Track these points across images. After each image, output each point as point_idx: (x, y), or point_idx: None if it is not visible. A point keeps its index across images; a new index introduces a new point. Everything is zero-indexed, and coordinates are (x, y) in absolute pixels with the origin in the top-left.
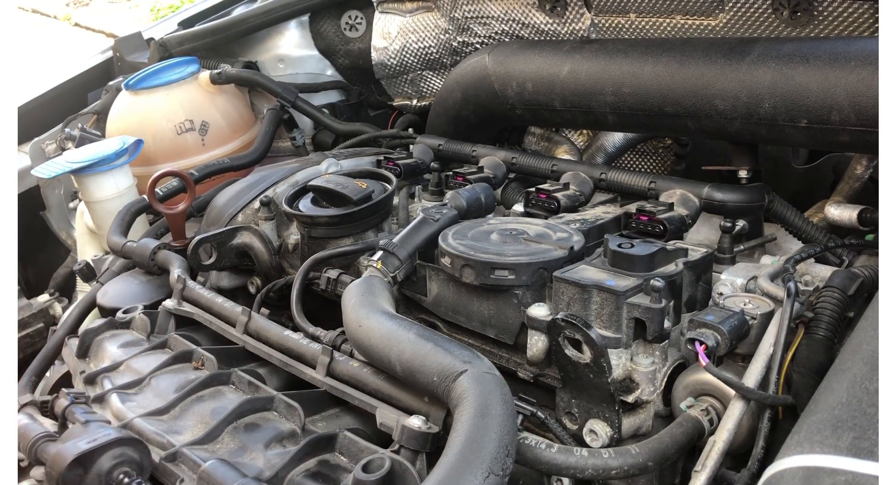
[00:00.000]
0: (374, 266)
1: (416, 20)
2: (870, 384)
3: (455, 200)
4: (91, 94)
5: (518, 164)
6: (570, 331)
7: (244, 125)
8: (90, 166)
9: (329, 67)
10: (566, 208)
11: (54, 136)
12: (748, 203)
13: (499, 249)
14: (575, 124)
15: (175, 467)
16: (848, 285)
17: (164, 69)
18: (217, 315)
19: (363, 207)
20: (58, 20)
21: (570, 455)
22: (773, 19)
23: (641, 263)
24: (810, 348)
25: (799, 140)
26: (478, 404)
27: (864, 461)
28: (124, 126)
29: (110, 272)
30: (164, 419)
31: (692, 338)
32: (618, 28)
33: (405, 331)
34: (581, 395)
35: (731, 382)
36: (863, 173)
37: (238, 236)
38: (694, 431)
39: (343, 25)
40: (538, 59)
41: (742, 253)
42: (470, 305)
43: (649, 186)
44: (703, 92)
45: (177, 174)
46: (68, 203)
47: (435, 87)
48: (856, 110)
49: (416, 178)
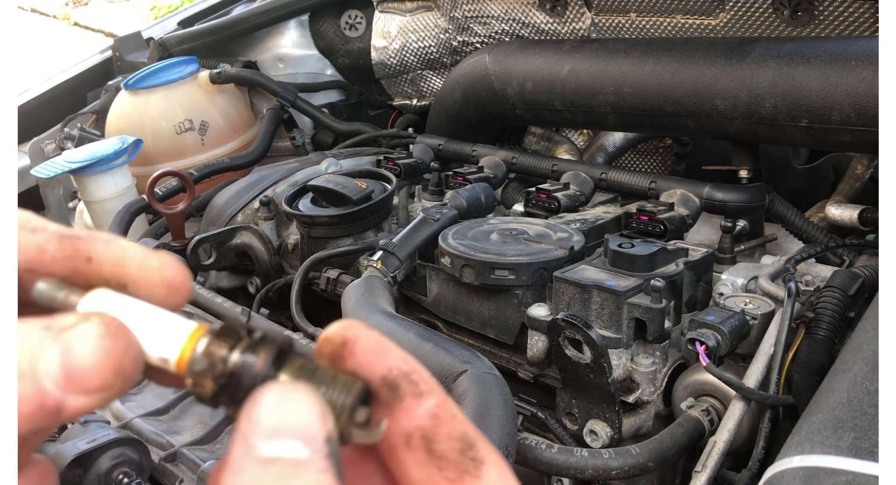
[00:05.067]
0: (374, 266)
1: (415, 20)
2: (870, 384)
3: (455, 200)
4: (90, 94)
5: (518, 164)
6: (571, 331)
7: (244, 125)
8: (89, 166)
9: (329, 67)
10: (566, 208)
11: (54, 135)
12: (748, 203)
13: (499, 249)
14: (575, 124)
15: (175, 467)
16: (849, 285)
17: (163, 69)
18: (217, 315)
19: (363, 206)
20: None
21: (571, 456)
22: (773, 19)
23: (642, 263)
24: (811, 349)
25: (799, 140)
26: (478, 405)
27: (864, 462)
28: (123, 126)
29: None
30: (164, 419)
31: (692, 338)
32: (618, 27)
33: (405, 331)
34: (581, 395)
35: (732, 382)
36: (863, 173)
37: (238, 236)
38: (694, 431)
39: (343, 25)
40: (538, 59)
41: (742, 253)
42: (470, 305)
43: (649, 185)
44: (703, 92)
45: (176, 174)
46: (68, 203)
47: (435, 86)
48: (856, 110)
49: (416, 177)
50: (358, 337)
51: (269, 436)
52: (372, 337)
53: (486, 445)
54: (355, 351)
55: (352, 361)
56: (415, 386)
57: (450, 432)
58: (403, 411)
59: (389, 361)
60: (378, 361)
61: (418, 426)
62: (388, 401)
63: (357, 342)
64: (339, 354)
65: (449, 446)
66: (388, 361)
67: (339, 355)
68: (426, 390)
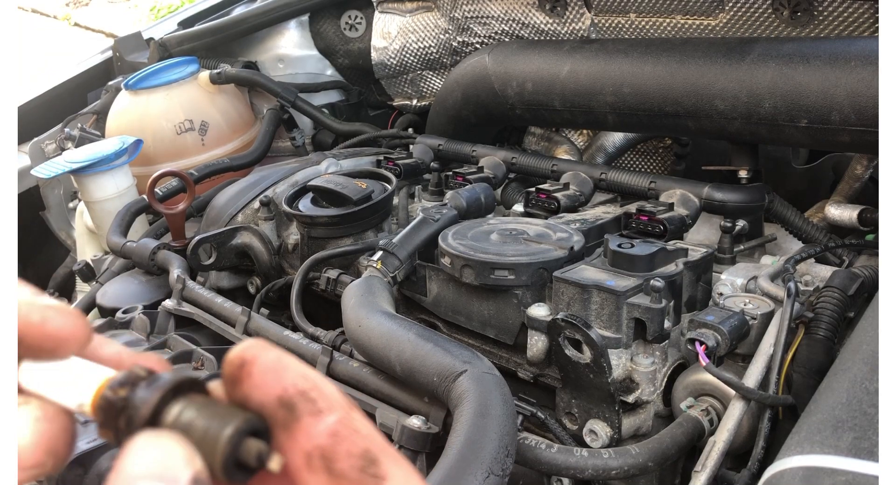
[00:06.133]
0: (374, 266)
1: (415, 20)
2: (870, 384)
3: (455, 200)
4: (91, 94)
5: (518, 164)
6: (570, 331)
7: (244, 125)
8: (90, 166)
9: (329, 67)
10: (566, 208)
11: (54, 136)
12: (748, 203)
13: (499, 249)
14: (575, 124)
15: None
16: (848, 285)
17: (163, 69)
18: (217, 315)
19: (363, 207)
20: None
21: (570, 455)
22: (773, 19)
23: (641, 263)
24: (810, 349)
25: (799, 140)
26: (478, 405)
27: (864, 462)
28: (124, 126)
29: (110, 272)
30: None
31: (692, 338)
32: (618, 28)
33: (405, 331)
34: (581, 395)
35: (732, 382)
36: (863, 173)
37: (238, 236)
38: (694, 431)
39: (343, 25)
40: (538, 59)
41: (742, 253)
42: (470, 305)
43: (649, 186)
44: (703, 92)
45: (176, 174)
46: (68, 203)
47: (435, 87)
48: (856, 110)
49: (416, 178)
50: (256, 357)
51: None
52: (270, 356)
53: (392, 458)
54: (252, 372)
55: (248, 383)
56: (312, 404)
57: (349, 449)
58: (302, 430)
59: (286, 380)
60: (274, 382)
61: (317, 446)
62: (285, 422)
63: (255, 363)
64: (237, 377)
65: (349, 464)
66: (285, 381)
67: (237, 378)
68: (325, 407)
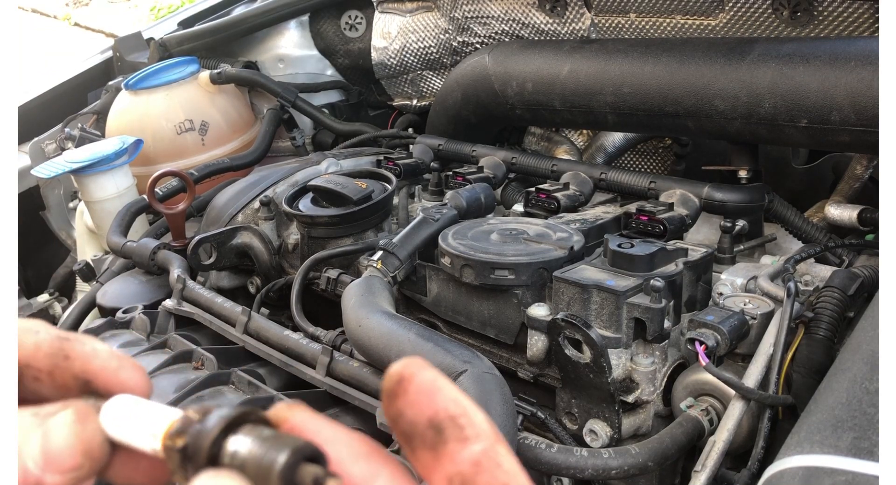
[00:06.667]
0: (374, 266)
1: (416, 20)
2: (870, 384)
3: (455, 200)
4: (91, 94)
5: (518, 164)
6: (570, 331)
7: (244, 125)
8: (90, 166)
9: (329, 67)
10: (566, 208)
11: (54, 135)
12: (748, 203)
13: (499, 249)
14: (575, 124)
15: None
16: (848, 285)
17: (163, 69)
18: (217, 315)
19: (363, 207)
20: (58, 20)
21: (570, 455)
22: (773, 19)
23: (641, 263)
24: (810, 348)
25: (799, 140)
26: (477, 404)
27: (864, 461)
28: (124, 126)
29: (110, 272)
30: None
31: (692, 338)
32: (618, 28)
33: (405, 331)
34: (581, 395)
35: (731, 382)
36: (863, 173)
37: (238, 236)
38: (694, 431)
39: (343, 25)
40: (538, 59)
41: (742, 253)
42: (470, 305)
43: (649, 186)
44: (702, 92)
45: (176, 174)
46: (68, 203)
47: (435, 87)
48: (856, 110)
49: (416, 178)
50: (413, 376)
51: None
52: (426, 377)
53: None
54: (408, 390)
55: (404, 399)
56: (460, 430)
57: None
58: (447, 454)
59: (438, 402)
60: (427, 402)
61: (459, 472)
62: (433, 444)
63: (412, 381)
64: (394, 392)
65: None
66: (437, 403)
67: (394, 393)
68: (472, 435)
